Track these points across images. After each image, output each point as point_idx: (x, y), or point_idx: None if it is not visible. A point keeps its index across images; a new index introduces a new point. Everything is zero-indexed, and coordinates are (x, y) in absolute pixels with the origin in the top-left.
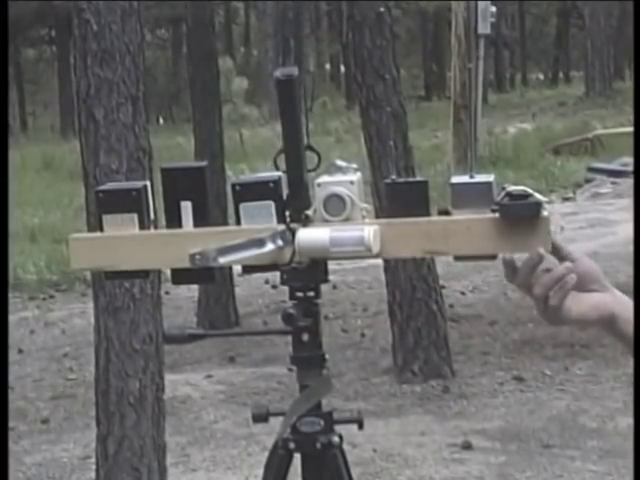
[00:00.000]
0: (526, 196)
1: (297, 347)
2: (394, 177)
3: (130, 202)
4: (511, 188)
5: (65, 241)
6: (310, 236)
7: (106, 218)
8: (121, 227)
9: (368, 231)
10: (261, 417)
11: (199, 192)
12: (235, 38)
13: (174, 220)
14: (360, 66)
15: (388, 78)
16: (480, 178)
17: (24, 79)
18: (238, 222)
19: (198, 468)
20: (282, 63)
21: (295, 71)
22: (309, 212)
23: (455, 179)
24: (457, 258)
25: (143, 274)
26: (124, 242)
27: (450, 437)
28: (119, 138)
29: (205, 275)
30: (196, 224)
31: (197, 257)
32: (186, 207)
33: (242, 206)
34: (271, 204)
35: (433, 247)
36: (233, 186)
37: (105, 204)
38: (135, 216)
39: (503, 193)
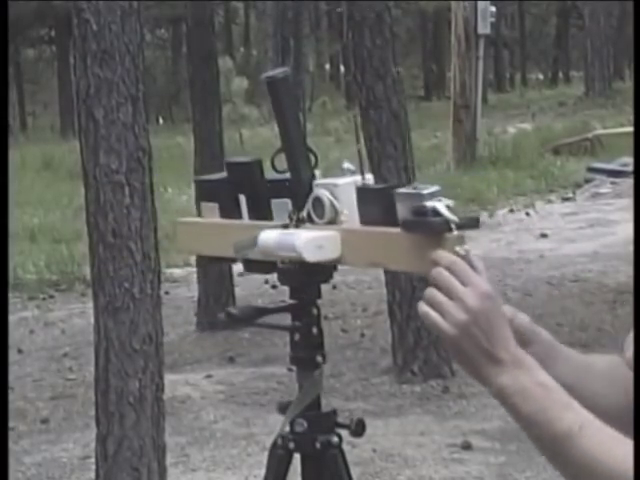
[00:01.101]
0: (429, 213)
1: (294, 347)
2: (365, 181)
3: (210, 192)
4: (427, 203)
5: (65, 241)
6: (266, 237)
7: (203, 205)
8: (211, 215)
9: (300, 238)
10: (286, 409)
11: (252, 186)
12: (235, 38)
13: (235, 212)
14: (360, 66)
15: (388, 78)
16: (419, 189)
17: (24, 79)
18: (271, 217)
19: (198, 468)
20: (282, 63)
21: (280, 72)
22: (303, 213)
23: (401, 189)
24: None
25: (230, 260)
26: (205, 229)
27: (450, 437)
28: (119, 138)
29: (268, 266)
30: (251, 216)
31: (237, 248)
32: (242, 200)
33: (273, 202)
34: (288, 202)
35: (376, 259)
36: (266, 182)
37: (199, 192)
38: (216, 206)
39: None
